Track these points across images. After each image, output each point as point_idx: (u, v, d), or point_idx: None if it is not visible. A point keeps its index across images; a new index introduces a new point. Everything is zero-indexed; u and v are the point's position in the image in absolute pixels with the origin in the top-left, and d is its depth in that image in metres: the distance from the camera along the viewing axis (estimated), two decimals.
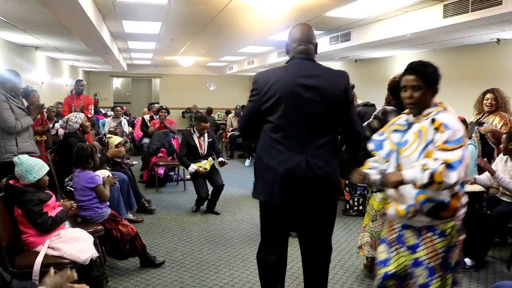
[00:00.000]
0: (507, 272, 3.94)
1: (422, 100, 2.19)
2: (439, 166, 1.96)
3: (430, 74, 2.20)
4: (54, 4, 4.52)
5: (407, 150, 2.18)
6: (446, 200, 2.11)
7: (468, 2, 4.49)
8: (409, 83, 2.21)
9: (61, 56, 11.11)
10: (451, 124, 2.07)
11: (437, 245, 2.16)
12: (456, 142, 2.02)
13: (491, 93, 4.84)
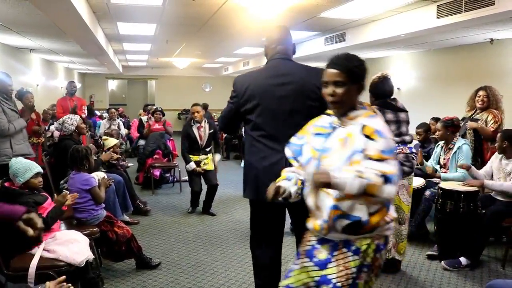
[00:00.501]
0: (502, 270, 3.96)
1: (346, 98, 1.90)
2: (377, 178, 1.70)
3: (354, 68, 1.90)
4: (49, 6, 4.51)
5: (330, 158, 1.88)
6: (363, 218, 1.84)
7: (461, 3, 4.51)
8: (331, 78, 1.91)
9: (56, 58, 11.09)
10: (385, 132, 1.82)
11: (350, 263, 1.89)
12: (391, 152, 1.79)
13: (484, 91, 4.91)
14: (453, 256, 3.99)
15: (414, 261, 4.14)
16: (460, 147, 4.50)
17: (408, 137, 3.72)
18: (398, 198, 3.67)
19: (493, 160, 4.35)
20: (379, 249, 1.92)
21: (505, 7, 4.10)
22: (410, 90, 8.42)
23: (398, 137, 3.64)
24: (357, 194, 1.72)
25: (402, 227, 3.72)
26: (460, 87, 6.88)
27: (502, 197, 4.17)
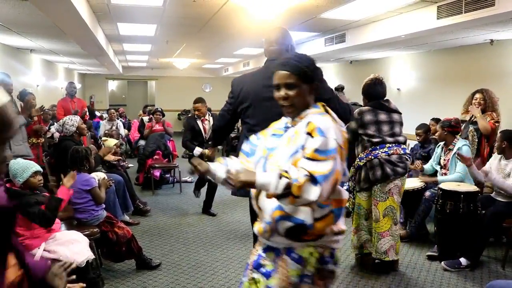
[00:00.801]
0: (502, 271, 3.97)
1: (299, 99, 1.82)
2: (301, 177, 1.60)
3: (305, 68, 1.82)
4: (49, 7, 4.51)
5: (275, 156, 1.82)
6: (307, 222, 1.72)
7: (462, 3, 4.51)
8: (282, 80, 1.83)
9: (56, 58, 11.09)
10: (327, 130, 1.70)
11: (290, 272, 1.78)
12: (327, 153, 1.66)
13: (480, 93, 4.93)
14: (453, 256, 3.99)
15: (414, 261, 4.15)
16: (460, 148, 4.51)
17: (402, 138, 3.75)
18: (392, 199, 3.69)
19: (492, 161, 4.36)
20: (324, 260, 1.81)
21: (505, 8, 4.11)
22: (410, 90, 8.42)
23: (392, 138, 3.67)
24: (281, 194, 1.61)
25: (397, 227, 3.76)
26: (460, 88, 6.88)
27: (502, 197, 4.18)
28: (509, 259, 4.12)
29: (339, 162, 1.70)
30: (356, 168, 3.80)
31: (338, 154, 1.70)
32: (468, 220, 3.95)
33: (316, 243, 1.78)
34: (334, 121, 1.79)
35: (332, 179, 1.65)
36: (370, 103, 3.77)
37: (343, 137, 1.77)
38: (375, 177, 3.64)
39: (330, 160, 1.65)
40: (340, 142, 1.73)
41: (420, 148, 5.64)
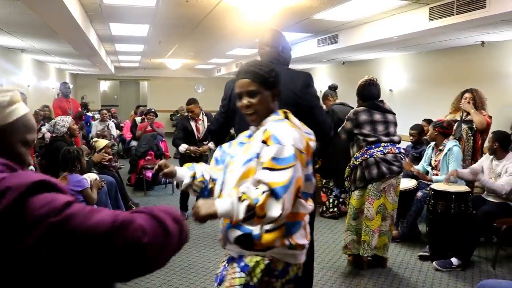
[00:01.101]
0: (492, 271, 4.00)
1: (261, 107, 1.80)
2: (262, 196, 1.52)
3: (266, 75, 1.81)
4: (41, 7, 4.49)
5: (233, 164, 1.78)
6: (254, 232, 1.66)
7: (453, 5, 4.54)
8: (243, 88, 1.80)
9: (48, 58, 11.02)
10: (282, 137, 1.64)
11: (235, 280, 1.73)
12: (285, 161, 1.60)
13: (470, 93, 4.97)
14: (444, 256, 4.02)
15: (406, 261, 4.17)
16: (450, 148, 4.53)
17: (397, 138, 3.79)
18: (385, 196, 3.72)
19: (484, 161, 4.39)
20: (272, 273, 1.72)
21: (496, 10, 4.14)
22: (402, 91, 8.46)
23: (387, 137, 3.71)
24: (247, 218, 1.53)
25: (383, 223, 3.78)
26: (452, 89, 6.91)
27: (493, 198, 4.22)
28: (499, 258, 4.16)
29: (300, 169, 1.64)
30: (351, 167, 3.82)
31: (298, 160, 1.63)
32: (460, 220, 3.98)
33: (265, 253, 1.71)
34: (295, 126, 1.76)
35: (293, 188, 1.58)
36: (365, 104, 3.81)
37: (305, 142, 1.72)
38: (371, 176, 3.67)
39: (289, 168, 1.59)
40: (300, 147, 1.66)
41: (412, 149, 5.68)
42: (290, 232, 1.70)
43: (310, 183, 1.79)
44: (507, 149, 4.22)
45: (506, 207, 4.09)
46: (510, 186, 4.01)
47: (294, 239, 1.71)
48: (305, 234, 1.78)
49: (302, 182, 1.66)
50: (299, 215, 1.74)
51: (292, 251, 1.73)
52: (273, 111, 1.83)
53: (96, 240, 1.00)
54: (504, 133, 4.29)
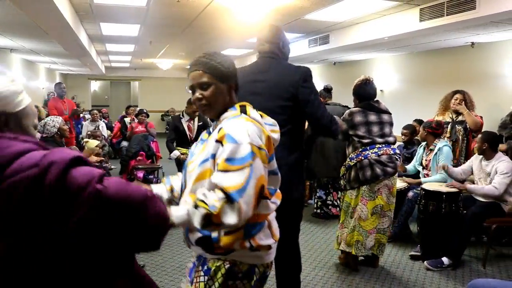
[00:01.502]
0: (483, 270, 4.03)
1: (215, 99, 1.67)
2: (218, 203, 1.44)
3: (218, 65, 1.69)
4: (30, 6, 4.45)
5: (192, 164, 1.68)
6: (213, 235, 1.57)
7: (444, 6, 4.58)
8: (195, 80, 1.70)
9: (38, 58, 10.93)
10: (238, 135, 1.53)
11: (200, 284, 1.67)
12: (241, 161, 1.49)
13: (461, 94, 5.03)
14: (435, 256, 4.04)
15: (397, 261, 4.19)
16: (440, 148, 4.56)
17: (392, 138, 3.78)
18: (381, 197, 3.72)
19: (473, 161, 4.43)
20: (235, 276, 1.64)
21: (486, 12, 4.18)
22: (393, 92, 8.51)
23: (382, 138, 3.70)
24: (205, 225, 1.47)
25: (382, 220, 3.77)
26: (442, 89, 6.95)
27: (482, 198, 4.24)
28: (489, 258, 4.19)
29: (261, 166, 1.54)
30: (346, 167, 3.81)
31: (258, 157, 1.53)
32: (450, 220, 4.00)
33: (226, 257, 1.63)
34: (252, 120, 1.62)
35: (252, 189, 1.48)
36: (360, 104, 3.80)
37: (265, 137, 1.61)
38: (365, 177, 3.66)
39: (246, 168, 1.48)
40: (259, 143, 1.56)
41: (403, 149, 5.71)
42: (250, 234, 1.61)
43: (275, 178, 1.71)
44: (496, 149, 4.26)
45: (496, 207, 4.12)
46: (504, 185, 4.04)
47: (256, 241, 1.62)
48: (270, 234, 1.69)
49: (265, 180, 1.56)
50: (260, 216, 1.63)
51: (255, 253, 1.64)
52: (230, 105, 1.71)
53: (133, 208, 1.15)
54: (493, 134, 4.33)
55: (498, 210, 4.12)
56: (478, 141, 4.26)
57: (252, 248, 1.61)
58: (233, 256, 1.62)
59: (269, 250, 1.69)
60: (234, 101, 1.74)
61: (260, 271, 1.70)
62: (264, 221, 1.66)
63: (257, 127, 1.60)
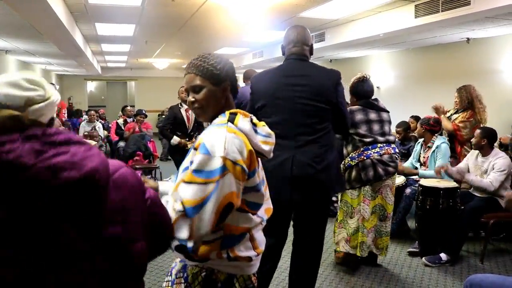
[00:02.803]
0: (481, 265, 4.04)
1: (208, 103, 1.63)
2: (174, 214, 1.41)
3: (211, 67, 1.64)
4: (24, 7, 4.43)
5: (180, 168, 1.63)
6: (189, 244, 1.44)
7: (439, 2, 4.58)
8: (188, 84, 1.66)
9: (33, 59, 10.90)
10: (212, 146, 1.45)
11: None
12: (208, 174, 1.42)
13: (456, 92, 4.99)
14: (433, 252, 4.05)
15: (395, 258, 4.19)
16: (438, 145, 4.57)
17: (392, 137, 3.75)
18: (381, 197, 3.70)
19: (469, 157, 4.43)
20: (214, 285, 1.58)
21: (481, 7, 4.19)
22: (389, 89, 8.52)
23: (382, 137, 3.66)
24: None
25: (383, 224, 3.75)
26: (438, 85, 6.99)
27: (480, 193, 4.25)
28: (487, 253, 4.21)
29: (230, 182, 1.44)
30: (346, 167, 3.72)
31: (230, 173, 1.43)
32: (448, 215, 4.01)
33: (204, 265, 1.57)
34: (237, 132, 1.51)
35: (212, 206, 1.40)
36: (360, 102, 3.73)
37: (247, 152, 1.50)
38: (367, 178, 3.61)
39: (210, 184, 1.41)
40: (236, 158, 1.45)
41: (400, 145, 5.71)
42: (227, 245, 1.54)
43: (257, 194, 1.60)
44: (493, 146, 4.27)
45: (493, 202, 4.13)
46: (499, 182, 4.05)
47: (235, 252, 1.55)
48: (252, 246, 1.61)
49: (235, 197, 1.46)
50: (238, 229, 1.56)
51: (233, 263, 1.56)
52: (223, 109, 1.64)
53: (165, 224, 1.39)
54: (492, 130, 4.31)
55: (495, 205, 4.13)
56: (476, 136, 4.25)
57: (230, 258, 1.54)
58: (210, 264, 1.56)
59: (249, 262, 1.61)
60: (230, 104, 1.70)
61: (240, 282, 1.62)
62: (244, 232, 1.58)
63: (239, 140, 1.50)
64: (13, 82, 1.07)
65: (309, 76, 2.65)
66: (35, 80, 1.11)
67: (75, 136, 1.05)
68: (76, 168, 0.96)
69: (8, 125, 0.98)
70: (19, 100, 1.06)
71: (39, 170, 0.91)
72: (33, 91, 1.10)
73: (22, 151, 0.92)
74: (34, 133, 0.98)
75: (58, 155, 0.96)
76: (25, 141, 0.95)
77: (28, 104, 1.08)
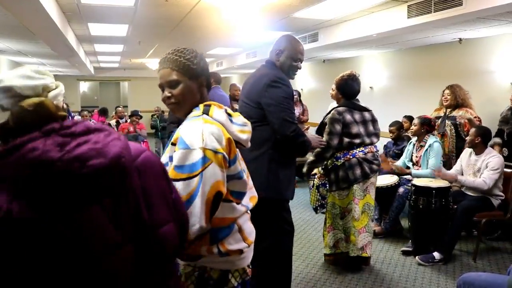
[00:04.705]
0: (473, 264, 4.07)
1: (186, 98, 1.61)
2: None
3: (187, 62, 1.61)
4: (16, 7, 4.40)
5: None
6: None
7: (431, 3, 4.60)
8: (164, 79, 1.63)
9: (25, 60, 10.83)
10: (190, 139, 1.44)
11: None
12: (190, 168, 1.40)
13: (448, 89, 5.07)
14: (427, 251, 4.07)
15: (389, 257, 4.21)
16: (431, 145, 4.60)
17: (375, 138, 3.80)
18: (369, 196, 3.73)
19: (462, 157, 4.46)
20: (207, 283, 1.56)
21: (473, 8, 4.21)
22: (382, 89, 8.54)
23: (368, 137, 3.70)
24: None
25: (373, 224, 3.77)
26: (431, 85, 7.02)
27: (472, 192, 4.28)
28: (480, 251, 4.24)
29: (215, 171, 1.43)
30: (331, 167, 3.73)
31: (213, 162, 1.43)
32: (441, 215, 4.04)
33: (196, 263, 1.56)
34: (212, 122, 1.52)
35: (201, 198, 1.39)
36: (345, 103, 3.73)
37: (225, 140, 1.50)
38: (355, 176, 3.62)
39: (194, 177, 1.39)
40: (215, 147, 1.44)
41: (393, 145, 5.73)
42: (217, 238, 1.52)
43: (239, 182, 1.60)
44: (487, 144, 4.30)
45: (485, 201, 4.16)
46: (493, 181, 4.08)
47: (225, 246, 1.53)
48: (241, 238, 1.59)
49: (222, 185, 1.45)
50: (225, 220, 1.54)
51: (225, 258, 1.54)
52: (199, 103, 1.62)
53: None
54: (486, 129, 4.34)
55: (488, 204, 4.16)
56: (470, 134, 4.28)
57: (221, 253, 1.52)
58: (202, 262, 1.54)
59: (240, 255, 1.59)
60: (205, 98, 1.67)
61: (237, 277, 1.61)
62: (231, 224, 1.56)
63: (216, 129, 1.49)
64: (24, 74, 1.09)
65: (253, 77, 2.86)
66: (41, 71, 1.13)
67: (91, 124, 1.06)
68: (102, 155, 0.98)
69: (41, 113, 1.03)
70: (38, 88, 1.08)
71: (67, 162, 0.93)
72: (45, 79, 1.12)
73: (46, 146, 0.93)
74: (52, 127, 0.99)
75: (81, 144, 0.97)
76: (46, 136, 0.97)
77: (46, 91, 1.10)
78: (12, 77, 1.07)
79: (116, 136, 1.06)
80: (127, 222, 1.05)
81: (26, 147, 0.93)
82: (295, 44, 2.90)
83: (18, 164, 0.91)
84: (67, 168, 0.92)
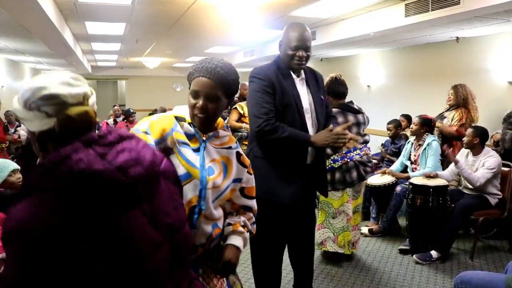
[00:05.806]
0: (471, 262, 4.07)
1: (216, 114, 1.64)
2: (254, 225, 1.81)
3: (231, 82, 1.63)
4: (13, 5, 4.38)
5: (215, 181, 1.63)
6: None
7: (428, 2, 4.61)
8: (204, 89, 1.59)
9: (22, 58, 10.79)
10: None
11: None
12: None
13: (452, 89, 5.08)
14: (424, 249, 4.08)
15: (387, 255, 4.22)
16: (429, 143, 4.60)
17: (368, 137, 3.86)
18: (361, 197, 3.86)
19: (459, 156, 4.46)
20: None
21: (470, 7, 4.22)
22: (380, 87, 8.55)
23: (362, 139, 3.74)
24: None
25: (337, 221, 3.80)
26: (428, 84, 7.03)
27: (469, 191, 4.29)
28: (477, 250, 4.24)
29: None
30: (328, 169, 3.73)
31: None
32: (438, 213, 4.04)
33: None
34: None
35: None
36: (339, 105, 3.75)
37: None
38: (352, 179, 3.70)
39: None
40: None
41: (391, 144, 5.74)
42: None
43: None
44: (484, 145, 4.31)
45: (482, 200, 4.17)
46: (485, 179, 4.10)
47: None
48: None
49: None
50: None
51: None
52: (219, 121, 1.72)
53: None
54: (484, 129, 4.34)
55: (485, 203, 4.17)
56: (468, 134, 4.28)
57: None
58: None
59: None
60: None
61: None
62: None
63: None
64: (66, 81, 1.12)
65: None
66: (78, 77, 1.17)
67: (123, 132, 1.13)
68: (139, 163, 1.07)
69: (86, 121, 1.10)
70: (80, 96, 1.13)
71: (111, 173, 1.00)
72: (84, 87, 1.16)
73: (90, 158, 1.00)
74: (92, 138, 1.06)
75: (119, 153, 1.05)
76: (87, 147, 1.02)
77: (86, 98, 1.15)
78: (55, 84, 1.10)
79: (144, 144, 1.15)
80: (162, 223, 1.12)
81: (72, 159, 0.98)
82: (288, 32, 2.66)
83: (64, 176, 0.97)
84: (112, 178, 1.00)
